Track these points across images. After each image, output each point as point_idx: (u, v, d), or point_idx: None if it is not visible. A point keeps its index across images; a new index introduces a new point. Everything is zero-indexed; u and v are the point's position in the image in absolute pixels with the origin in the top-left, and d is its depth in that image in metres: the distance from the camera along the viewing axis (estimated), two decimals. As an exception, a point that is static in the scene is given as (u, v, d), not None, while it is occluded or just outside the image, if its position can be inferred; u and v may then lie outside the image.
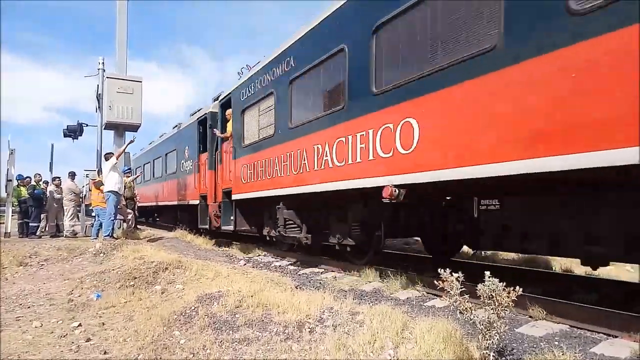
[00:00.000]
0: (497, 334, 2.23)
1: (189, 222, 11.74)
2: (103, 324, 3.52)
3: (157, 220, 18.12)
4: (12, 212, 10.72)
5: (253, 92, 7.40)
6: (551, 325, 3.17)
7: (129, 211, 10.25)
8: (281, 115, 6.38)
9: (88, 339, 3.15)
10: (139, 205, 14.83)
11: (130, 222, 10.13)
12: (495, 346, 2.26)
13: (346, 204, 5.66)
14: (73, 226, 10.76)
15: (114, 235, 8.46)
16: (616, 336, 2.88)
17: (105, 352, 2.89)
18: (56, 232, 10.62)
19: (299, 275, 5.76)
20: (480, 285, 2.32)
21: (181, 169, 12.26)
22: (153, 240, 9.39)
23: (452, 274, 2.41)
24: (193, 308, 3.40)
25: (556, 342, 2.77)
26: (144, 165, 17.24)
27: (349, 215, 5.70)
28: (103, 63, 11.55)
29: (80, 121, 12.16)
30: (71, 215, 10.72)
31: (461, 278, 2.42)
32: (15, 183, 10.30)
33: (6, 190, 10.41)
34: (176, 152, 12.90)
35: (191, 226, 11.17)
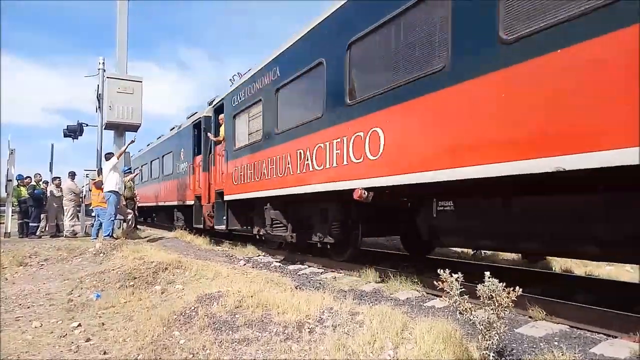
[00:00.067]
0: (497, 335, 2.23)
1: (185, 222, 12.01)
2: (103, 324, 3.52)
3: (155, 220, 18.37)
4: (12, 212, 10.73)
5: (243, 99, 7.77)
6: (551, 325, 3.16)
7: (129, 211, 10.24)
8: (268, 121, 6.75)
9: (88, 339, 3.15)
10: (139, 205, 14.94)
11: (130, 222, 10.14)
12: (495, 346, 2.26)
13: (326, 205, 6.03)
14: (73, 226, 10.76)
15: (114, 235, 8.47)
16: (616, 336, 2.87)
17: (104, 352, 2.89)
18: (56, 232, 10.62)
19: (299, 275, 5.76)
20: (479, 285, 2.32)
21: (177, 171, 12.53)
22: (153, 240, 9.40)
23: (452, 275, 2.41)
24: (193, 308, 3.40)
25: (556, 343, 2.77)
26: (142, 166, 17.55)
27: (329, 215, 6.07)
28: (103, 63, 11.54)
29: (80, 121, 12.17)
30: (71, 215, 10.73)
31: (461, 278, 2.42)
32: (15, 183, 10.29)
33: (6, 190, 10.41)
34: (172, 154, 13.19)
35: (187, 225, 11.39)
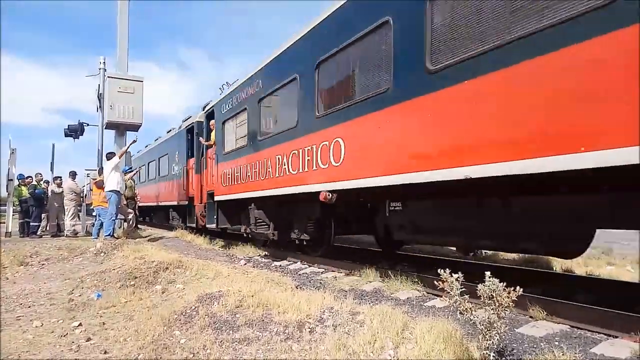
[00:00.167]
0: (497, 334, 2.23)
1: (179, 221, 12.73)
2: (103, 324, 3.52)
3: (153, 219, 18.73)
4: (13, 212, 10.74)
5: (231, 107, 8.36)
6: (551, 325, 3.16)
7: (130, 211, 10.26)
8: (252, 128, 7.34)
9: (88, 339, 3.16)
10: (139, 205, 15.11)
11: (130, 222, 10.15)
12: (495, 346, 2.26)
13: (302, 205, 6.55)
14: (74, 226, 10.78)
15: (115, 234, 8.48)
16: (616, 336, 2.87)
17: (105, 352, 2.89)
18: (57, 232, 10.63)
19: (299, 275, 5.76)
20: (480, 285, 2.32)
21: (172, 172, 13.16)
22: (153, 239, 9.41)
23: (452, 275, 2.41)
24: (193, 308, 3.40)
25: (556, 343, 2.77)
26: (140, 167, 17.87)
27: (305, 214, 6.65)
28: (104, 63, 11.54)
29: (81, 121, 12.18)
30: (72, 214, 10.74)
31: (461, 278, 2.42)
32: (16, 182, 10.30)
33: (7, 189, 10.42)
34: (168, 157, 13.81)
35: (182, 224, 12.04)
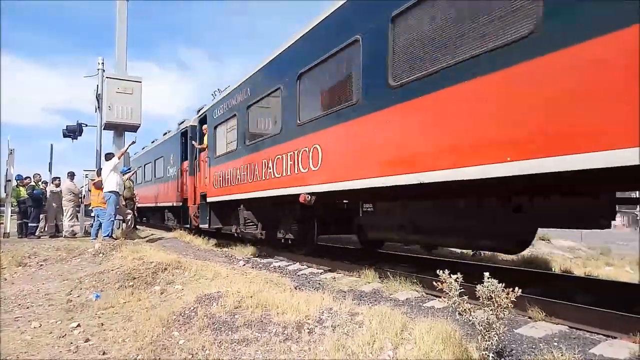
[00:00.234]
0: (496, 335, 2.23)
1: (175, 222, 13.12)
2: (102, 325, 3.51)
3: (149, 220, 18.84)
4: (12, 213, 10.71)
5: (222, 113, 8.73)
6: (550, 326, 3.16)
7: (128, 211, 10.24)
8: (241, 133, 7.73)
9: (87, 340, 3.15)
10: (138, 205, 15.16)
11: (129, 223, 10.13)
12: (494, 347, 2.26)
13: (287, 206, 6.88)
14: (72, 226, 10.75)
15: (113, 235, 8.46)
16: (615, 337, 2.88)
17: (104, 353, 2.89)
18: (55, 233, 10.61)
19: (298, 275, 5.76)
20: (479, 286, 2.32)
21: (167, 174, 13.64)
22: (152, 240, 9.40)
23: (451, 275, 2.41)
24: (192, 308, 3.39)
25: (555, 343, 2.77)
26: (137, 168, 17.88)
27: (290, 215, 7.03)
28: (103, 63, 11.53)
29: (79, 121, 12.17)
30: (70, 215, 10.72)
31: (460, 279, 2.42)
32: (14, 183, 10.28)
33: (5, 190, 10.39)
34: (163, 159, 14.30)
35: (178, 224, 12.50)
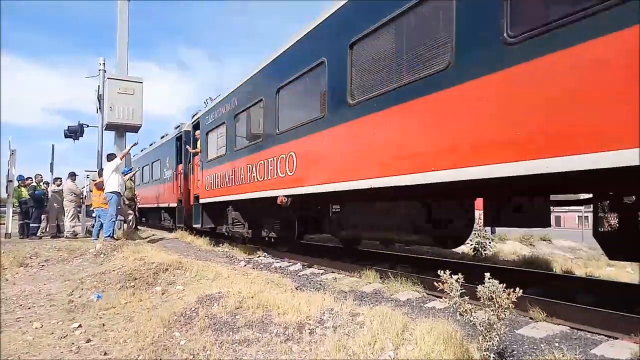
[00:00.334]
0: (497, 336, 2.23)
1: (170, 222, 13.89)
2: (103, 325, 3.52)
3: (147, 220, 19.12)
4: (13, 213, 10.72)
5: (213, 120, 9.40)
6: (551, 326, 3.16)
7: (130, 212, 10.25)
8: (229, 140, 8.39)
9: (88, 340, 3.16)
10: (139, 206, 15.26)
11: (130, 223, 10.14)
12: (495, 348, 2.26)
13: (270, 208, 7.21)
14: (73, 227, 10.76)
15: (115, 236, 8.47)
16: (617, 337, 2.88)
17: (105, 353, 2.89)
18: (57, 233, 10.62)
19: (299, 276, 5.76)
20: (480, 286, 2.32)
21: (163, 177, 14.39)
22: (153, 241, 9.41)
23: (452, 276, 2.41)
24: (193, 309, 3.40)
25: (556, 344, 2.77)
26: (137, 170, 17.95)
27: (272, 216, 7.66)
28: (104, 64, 11.54)
29: (81, 122, 12.18)
30: (72, 216, 10.72)
31: (461, 279, 2.42)
32: (15, 184, 10.29)
33: (7, 191, 10.41)
34: (160, 162, 14.97)
35: (173, 224, 13.16)
